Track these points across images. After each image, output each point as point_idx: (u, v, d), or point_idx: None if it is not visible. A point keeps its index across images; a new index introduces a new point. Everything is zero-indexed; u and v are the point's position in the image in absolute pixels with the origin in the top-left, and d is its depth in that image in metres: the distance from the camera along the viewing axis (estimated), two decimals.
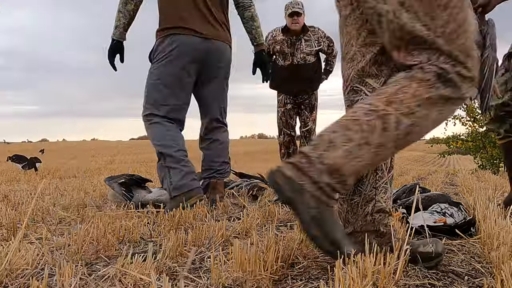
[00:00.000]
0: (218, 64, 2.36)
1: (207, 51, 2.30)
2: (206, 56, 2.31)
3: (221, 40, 2.33)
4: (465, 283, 1.18)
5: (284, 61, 4.26)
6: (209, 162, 2.53)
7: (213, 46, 2.31)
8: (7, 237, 1.69)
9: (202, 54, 2.30)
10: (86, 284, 1.14)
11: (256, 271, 1.13)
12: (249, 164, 15.16)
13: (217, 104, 2.46)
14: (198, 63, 2.32)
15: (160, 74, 2.29)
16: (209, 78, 2.39)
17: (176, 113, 2.35)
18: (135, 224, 1.78)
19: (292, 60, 4.23)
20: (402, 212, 1.85)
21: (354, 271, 0.98)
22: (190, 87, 2.38)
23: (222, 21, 2.35)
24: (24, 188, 3.67)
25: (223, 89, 2.46)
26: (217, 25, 2.32)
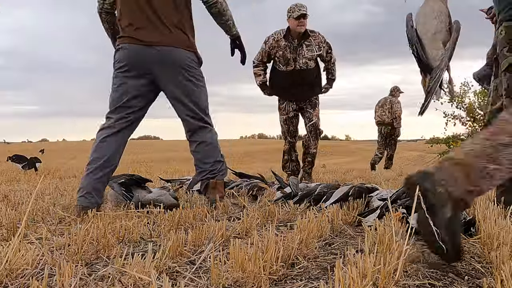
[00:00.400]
0: (168, 68, 2.35)
1: (150, 57, 2.32)
2: (151, 63, 2.33)
3: (167, 44, 2.33)
4: (465, 283, 1.18)
5: (286, 67, 4.20)
6: (200, 164, 2.53)
7: (156, 53, 2.31)
8: (7, 237, 1.69)
9: (145, 61, 2.33)
10: (86, 284, 1.14)
11: (256, 271, 1.13)
12: (249, 164, 15.17)
13: (191, 106, 2.44)
14: (144, 70, 2.35)
15: (114, 82, 2.41)
16: (167, 82, 2.39)
17: (127, 119, 2.41)
18: (135, 224, 1.78)
19: (294, 66, 4.18)
20: (402, 212, 1.85)
21: (354, 271, 0.98)
22: (144, 93, 2.42)
23: (173, 24, 2.35)
24: (24, 188, 3.67)
25: (193, 90, 2.42)
26: (164, 29, 2.33)
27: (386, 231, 1.35)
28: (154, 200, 2.44)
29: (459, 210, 1.29)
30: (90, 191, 2.26)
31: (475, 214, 1.89)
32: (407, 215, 1.80)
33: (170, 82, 2.38)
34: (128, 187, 2.52)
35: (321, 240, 1.66)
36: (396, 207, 1.98)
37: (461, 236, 1.63)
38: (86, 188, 2.26)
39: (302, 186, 3.04)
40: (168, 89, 2.42)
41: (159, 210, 2.13)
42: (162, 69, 2.34)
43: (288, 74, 4.22)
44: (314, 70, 4.30)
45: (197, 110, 2.45)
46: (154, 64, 2.33)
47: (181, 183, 3.83)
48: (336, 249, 1.55)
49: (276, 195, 2.83)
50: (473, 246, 1.58)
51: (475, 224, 1.76)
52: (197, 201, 2.70)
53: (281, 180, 3.18)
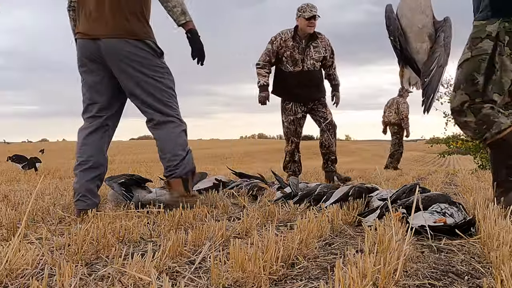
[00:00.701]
0: (115, 61, 2.22)
1: (96, 52, 2.24)
2: (99, 57, 2.25)
3: (111, 36, 2.20)
4: (465, 283, 1.18)
5: (294, 67, 4.15)
6: (160, 160, 2.38)
7: (103, 45, 2.21)
8: (7, 237, 1.69)
9: (93, 56, 2.26)
10: (86, 284, 1.14)
11: (256, 271, 1.13)
12: (249, 164, 15.17)
13: (145, 98, 2.29)
14: (97, 65, 2.27)
15: (81, 81, 2.37)
16: (119, 76, 2.27)
17: (100, 117, 2.36)
18: (135, 224, 1.78)
19: (302, 67, 4.13)
20: (402, 212, 1.85)
21: (354, 271, 0.98)
22: (104, 90, 2.33)
23: (120, 13, 2.21)
24: (24, 188, 3.67)
25: (146, 81, 2.26)
26: (110, 20, 2.20)
27: (386, 231, 1.35)
28: (154, 200, 2.44)
29: None
30: (85, 193, 2.24)
31: (475, 214, 1.89)
32: (407, 215, 1.80)
33: (121, 75, 2.26)
34: (128, 187, 2.52)
35: (321, 240, 1.67)
36: (396, 207, 1.99)
37: (461, 236, 1.64)
38: (80, 191, 2.24)
39: (302, 186, 3.04)
40: (122, 83, 2.29)
41: (159, 210, 2.13)
42: (111, 62, 2.23)
43: (296, 74, 4.14)
44: (319, 71, 4.27)
45: (153, 102, 2.30)
46: (102, 58, 2.24)
47: None
48: (336, 249, 1.55)
49: (276, 195, 2.83)
50: (473, 246, 1.58)
51: (475, 224, 1.76)
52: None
53: (281, 180, 3.18)
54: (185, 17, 2.25)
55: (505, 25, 1.89)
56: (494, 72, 1.94)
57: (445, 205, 1.95)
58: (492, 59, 1.93)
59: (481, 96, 1.98)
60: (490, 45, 1.93)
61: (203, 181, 3.44)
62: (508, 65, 1.93)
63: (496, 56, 1.93)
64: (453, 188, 4.13)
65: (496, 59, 1.93)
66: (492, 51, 1.93)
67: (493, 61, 1.93)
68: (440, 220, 1.78)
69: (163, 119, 2.32)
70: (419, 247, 1.56)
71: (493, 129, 1.99)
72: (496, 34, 1.91)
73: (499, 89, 1.98)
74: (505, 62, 1.93)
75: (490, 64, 1.94)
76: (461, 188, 3.81)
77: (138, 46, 2.23)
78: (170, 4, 2.21)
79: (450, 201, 2.02)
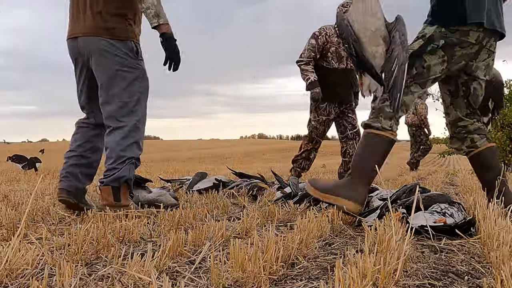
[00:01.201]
0: (92, 55, 2.20)
1: (75, 50, 2.27)
2: (79, 55, 2.27)
3: (90, 34, 2.18)
4: (465, 283, 1.18)
5: (339, 64, 3.85)
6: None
7: (80, 44, 2.22)
8: (7, 237, 1.69)
9: (75, 55, 2.29)
10: (86, 284, 1.14)
11: (256, 271, 1.13)
12: (249, 164, 15.17)
13: (111, 103, 2.22)
14: (81, 64, 2.30)
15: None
16: (95, 71, 2.24)
17: (89, 118, 2.40)
18: (135, 224, 1.78)
19: (346, 64, 3.86)
20: (402, 212, 1.85)
21: (354, 271, 0.98)
22: (88, 89, 2.34)
23: (103, 16, 2.18)
24: (24, 188, 3.67)
25: (117, 79, 2.19)
26: (90, 21, 2.19)
27: (386, 231, 1.35)
28: (154, 200, 2.44)
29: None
30: (66, 175, 2.28)
31: (475, 214, 1.89)
32: (407, 215, 1.80)
33: (96, 72, 2.24)
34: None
35: (321, 240, 1.67)
36: (396, 207, 1.99)
37: (461, 236, 1.64)
38: (62, 173, 2.31)
39: (302, 186, 3.04)
40: (97, 78, 2.26)
41: (159, 210, 2.14)
42: (87, 58, 2.24)
43: (340, 72, 3.86)
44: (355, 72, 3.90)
45: (114, 104, 2.21)
46: (81, 56, 2.26)
47: (181, 183, 3.84)
48: (336, 249, 1.55)
49: (276, 195, 2.83)
50: (473, 246, 1.58)
51: (475, 224, 1.76)
52: (197, 201, 2.71)
53: (281, 180, 3.18)
54: (158, 20, 2.13)
55: (441, 30, 2.05)
56: (423, 67, 2.09)
57: (445, 205, 1.95)
58: (421, 56, 2.08)
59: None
60: (420, 43, 2.09)
61: (203, 181, 3.45)
62: (433, 64, 2.07)
63: (425, 54, 2.07)
64: (453, 188, 4.13)
65: (425, 57, 2.08)
66: (419, 49, 2.08)
67: (422, 58, 2.08)
68: (440, 220, 1.78)
69: (115, 125, 2.22)
70: (419, 247, 1.56)
71: (376, 123, 2.08)
72: (430, 35, 2.07)
73: (422, 83, 2.12)
74: (432, 61, 2.07)
75: (419, 60, 2.09)
76: (461, 188, 3.81)
77: (114, 45, 2.19)
78: (144, 5, 2.12)
79: (450, 201, 2.02)
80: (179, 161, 18.03)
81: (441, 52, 2.06)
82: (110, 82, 2.21)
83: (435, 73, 2.10)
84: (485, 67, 2.16)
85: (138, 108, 2.27)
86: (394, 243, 1.21)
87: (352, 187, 2.04)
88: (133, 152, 2.26)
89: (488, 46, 2.11)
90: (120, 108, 2.22)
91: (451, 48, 2.06)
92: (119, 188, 2.19)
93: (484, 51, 2.11)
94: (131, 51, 2.23)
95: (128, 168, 2.22)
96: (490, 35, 2.09)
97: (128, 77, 2.22)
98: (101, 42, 2.18)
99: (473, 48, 2.07)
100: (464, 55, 2.09)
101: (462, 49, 2.07)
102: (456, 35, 2.04)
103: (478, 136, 2.28)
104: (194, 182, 3.44)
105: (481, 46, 2.08)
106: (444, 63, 2.08)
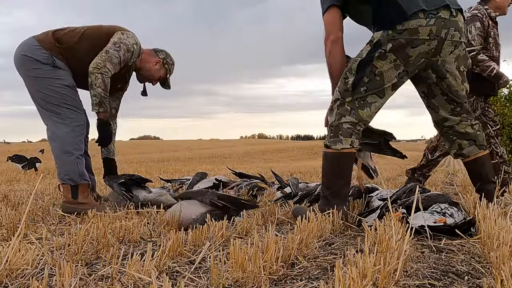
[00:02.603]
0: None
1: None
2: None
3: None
4: (465, 283, 1.18)
5: (498, 53, 3.25)
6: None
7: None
8: (7, 237, 1.69)
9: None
10: (86, 284, 1.14)
11: (256, 271, 1.13)
12: (249, 164, 15.17)
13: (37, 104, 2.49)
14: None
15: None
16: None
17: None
18: (135, 224, 1.78)
19: (499, 54, 3.27)
20: (402, 212, 1.85)
21: (354, 271, 0.98)
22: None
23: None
24: (24, 188, 3.67)
25: (33, 87, 2.45)
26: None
27: (386, 231, 1.35)
28: (154, 200, 2.44)
29: None
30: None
31: (475, 214, 1.89)
32: (407, 215, 1.80)
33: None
34: (128, 187, 2.52)
35: (321, 240, 1.67)
36: (396, 207, 1.99)
37: (461, 236, 1.64)
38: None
39: (302, 186, 3.04)
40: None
41: (159, 210, 2.13)
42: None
43: (497, 62, 3.23)
44: None
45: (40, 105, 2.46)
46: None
47: (181, 183, 3.83)
48: (336, 249, 1.55)
49: (276, 195, 2.83)
50: (473, 246, 1.58)
51: (475, 224, 1.76)
52: None
53: (281, 180, 3.18)
54: (99, 108, 2.45)
55: (388, 33, 1.94)
56: (374, 74, 1.97)
57: (445, 205, 1.95)
58: (371, 63, 1.97)
59: (351, 96, 2.02)
60: (367, 50, 2.00)
61: (203, 181, 3.45)
62: (385, 70, 1.96)
63: (374, 61, 1.97)
64: (453, 188, 4.13)
65: (375, 63, 1.97)
66: (367, 56, 1.98)
67: (373, 65, 1.97)
68: (440, 220, 1.78)
69: (52, 120, 2.44)
70: (419, 247, 1.56)
71: (337, 145, 2.01)
72: (377, 40, 1.96)
73: (379, 92, 2.00)
74: (384, 67, 1.96)
75: (369, 68, 1.98)
76: (461, 188, 3.81)
77: (17, 55, 2.51)
78: (92, 92, 2.42)
79: (450, 201, 2.02)
80: (179, 161, 18.02)
81: (392, 56, 1.94)
82: (33, 89, 2.52)
83: (391, 79, 1.97)
84: (455, 59, 2.01)
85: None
86: (394, 243, 1.21)
87: (331, 204, 1.98)
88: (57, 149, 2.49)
89: (450, 37, 1.94)
90: (41, 105, 2.52)
91: (402, 50, 1.92)
92: (76, 186, 2.39)
93: (448, 44, 1.95)
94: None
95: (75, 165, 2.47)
96: (446, 25, 1.92)
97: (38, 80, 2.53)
98: (18, 54, 2.54)
99: (430, 44, 1.92)
100: (422, 54, 1.94)
101: (416, 48, 1.92)
102: (405, 35, 1.91)
103: (467, 142, 2.16)
104: (194, 182, 3.44)
105: (440, 40, 1.93)
106: (399, 67, 1.96)
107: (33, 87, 2.44)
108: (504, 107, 7.96)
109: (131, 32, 2.61)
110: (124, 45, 2.50)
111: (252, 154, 26.90)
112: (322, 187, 2.08)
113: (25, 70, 2.45)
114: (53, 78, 2.41)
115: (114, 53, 2.46)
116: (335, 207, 1.94)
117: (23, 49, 2.46)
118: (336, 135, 2.02)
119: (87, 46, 2.47)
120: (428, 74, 2.07)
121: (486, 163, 2.21)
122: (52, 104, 2.40)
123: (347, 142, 2.00)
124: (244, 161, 20.52)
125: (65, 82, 2.43)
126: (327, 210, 1.92)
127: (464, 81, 2.09)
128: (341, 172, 2.03)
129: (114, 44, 2.48)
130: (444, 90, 2.09)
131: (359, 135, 2.04)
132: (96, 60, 2.41)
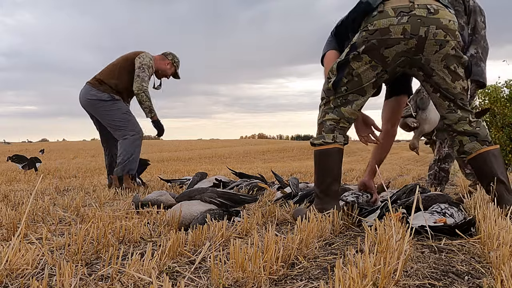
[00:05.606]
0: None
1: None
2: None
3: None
4: (465, 283, 1.18)
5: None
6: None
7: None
8: (7, 237, 1.69)
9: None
10: (86, 284, 1.14)
11: (256, 271, 1.13)
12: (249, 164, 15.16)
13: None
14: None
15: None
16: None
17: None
18: (135, 224, 1.78)
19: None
20: (402, 212, 1.85)
21: (354, 271, 0.98)
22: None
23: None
24: (24, 188, 3.67)
25: (105, 119, 3.68)
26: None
27: (386, 231, 1.35)
28: (154, 200, 2.44)
29: None
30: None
31: (475, 214, 1.89)
32: (407, 215, 1.80)
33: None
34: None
35: (321, 240, 1.67)
36: (396, 207, 1.99)
37: (461, 236, 1.64)
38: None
39: (302, 186, 3.04)
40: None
41: (159, 210, 2.13)
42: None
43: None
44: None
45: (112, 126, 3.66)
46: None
47: (181, 183, 3.83)
48: (336, 249, 1.55)
49: (276, 195, 2.83)
50: (473, 246, 1.58)
51: (475, 224, 1.76)
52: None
53: (281, 180, 3.18)
54: (151, 115, 3.70)
55: (362, 35, 1.96)
56: (352, 75, 2.02)
57: (445, 205, 1.95)
58: (348, 64, 2.01)
59: (333, 95, 2.08)
60: (346, 52, 2.04)
61: (203, 181, 3.45)
62: (361, 71, 1.99)
63: (351, 62, 2.01)
64: (453, 188, 4.13)
65: (352, 65, 2.01)
66: (345, 57, 2.02)
67: (350, 66, 2.01)
68: (440, 220, 1.78)
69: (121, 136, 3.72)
70: (419, 247, 1.56)
71: (319, 140, 2.07)
72: (353, 42, 2.00)
73: (359, 91, 2.05)
74: (360, 68, 1.99)
75: (347, 69, 2.02)
76: (461, 188, 3.81)
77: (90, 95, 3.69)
78: (143, 106, 3.65)
79: (450, 201, 2.02)
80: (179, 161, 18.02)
81: (366, 58, 1.96)
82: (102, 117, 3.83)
83: (369, 78, 2.00)
84: (442, 58, 1.95)
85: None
86: (394, 243, 1.21)
87: (324, 202, 2.00)
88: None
89: (432, 36, 1.89)
90: (117, 128, 3.76)
91: (376, 51, 1.93)
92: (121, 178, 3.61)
93: (431, 43, 1.90)
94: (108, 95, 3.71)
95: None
96: (424, 23, 1.87)
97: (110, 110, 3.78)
98: (90, 92, 3.73)
99: (408, 43, 1.89)
100: (400, 53, 1.92)
101: (392, 48, 1.91)
102: (377, 36, 1.91)
103: (468, 138, 2.09)
104: (194, 182, 3.44)
105: (420, 39, 1.88)
106: (376, 67, 1.97)
107: (105, 118, 3.61)
108: (504, 107, 7.94)
109: (144, 52, 3.68)
110: (145, 66, 3.60)
111: (252, 154, 26.88)
112: (314, 186, 2.12)
113: (95, 109, 3.60)
114: (116, 109, 3.57)
115: (142, 74, 3.59)
116: (328, 206, 1.95)
117: (87, 95, 3.59)
118: (319, 132, 2.10)
119: (125, 76, 3.61)
120: (414, 71, 2.07)
121: (491, 160, 2.08)
122: (119, 126, 3.58)
123: (329, 138, 2.05)
124: (244, 161, 20.51)
125: (123, 110, 3.60)
126: (324, 209, 1.95)
127: (457, 79, 2.01)
128: (327, 169, 2.05)
129: (139, 68, 3.59)
130: (435, 87, 2.05)
131: (343, 131, 2.08)
132: (135, 85, 3.56)
